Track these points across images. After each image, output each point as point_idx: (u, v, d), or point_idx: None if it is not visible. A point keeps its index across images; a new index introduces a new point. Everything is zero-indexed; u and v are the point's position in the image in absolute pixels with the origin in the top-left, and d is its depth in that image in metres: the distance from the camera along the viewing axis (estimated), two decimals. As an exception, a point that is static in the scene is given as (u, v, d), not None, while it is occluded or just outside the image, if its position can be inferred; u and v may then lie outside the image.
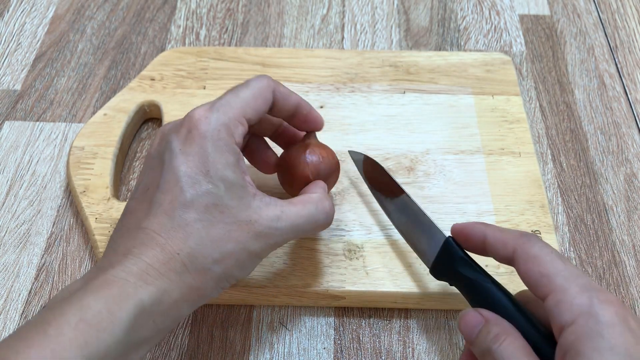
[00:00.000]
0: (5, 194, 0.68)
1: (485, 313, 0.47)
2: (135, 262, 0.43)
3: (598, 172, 0.71)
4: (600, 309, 0.39)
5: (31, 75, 0.79)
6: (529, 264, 0.44)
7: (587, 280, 0.42)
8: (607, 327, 0.39)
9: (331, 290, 0.59)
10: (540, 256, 0.44)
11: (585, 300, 0.40)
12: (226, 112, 0.48)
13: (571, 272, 0.42)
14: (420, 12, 0.88)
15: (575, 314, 0.40)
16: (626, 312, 0.40)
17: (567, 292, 0.41)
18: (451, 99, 0.73)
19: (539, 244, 0.45)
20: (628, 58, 0.82)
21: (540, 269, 0.43)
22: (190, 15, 0.87)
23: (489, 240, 0.48)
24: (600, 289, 0.41)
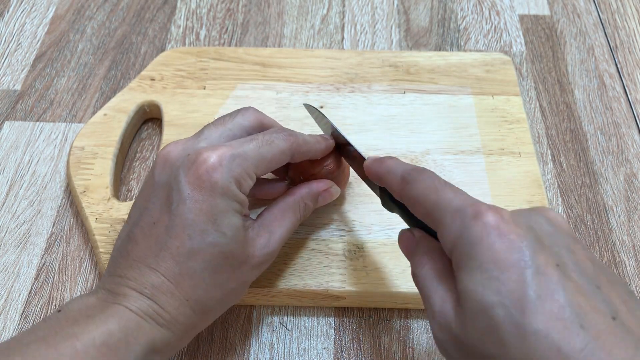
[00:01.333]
0: (5, 194, 0.68)
1: (417, 233, 0.46)
2: (150, 304, 0.45)
3: (598, 172, 0.71)
4: (469, 226, 0.38)
5: (31, 75, 0.79)
6: (414, 208, 0.44)
7: (460, 201, 0.40)
8: (475, 244, 0.37)
9: (331, 291, 0.58)
10: (419, 197, 0.43)
11: (458, 224, 0.39)
12: (241, 165, 0.48)
13: (445, 199, 0.41)
14: (420, 12, 0.88)
15: (452, 241, 0.39)
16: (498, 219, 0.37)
17: (443, 223, 0.40)
18: (451, 99, 0.73)
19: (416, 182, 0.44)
20: (628, 58, 0.82)
21: (422, 210, 0.43)
22: (190, 15, 0.87)
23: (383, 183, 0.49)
24: (472, 204, 0.39)
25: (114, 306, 0.44)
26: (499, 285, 0.35)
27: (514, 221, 0.38)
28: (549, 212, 0.41)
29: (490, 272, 0.36)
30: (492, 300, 0.35)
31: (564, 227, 0.40)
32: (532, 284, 0.35)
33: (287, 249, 0.61)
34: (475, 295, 0.36)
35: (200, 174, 0.46)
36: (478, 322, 0.36)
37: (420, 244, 0.45)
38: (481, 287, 0.36)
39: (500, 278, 0.35)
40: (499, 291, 0.35)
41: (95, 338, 0.41)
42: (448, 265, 0.42)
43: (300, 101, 0.72)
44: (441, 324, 0.39)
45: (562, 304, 0.34)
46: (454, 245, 0.39)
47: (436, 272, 0.42)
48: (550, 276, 0.35)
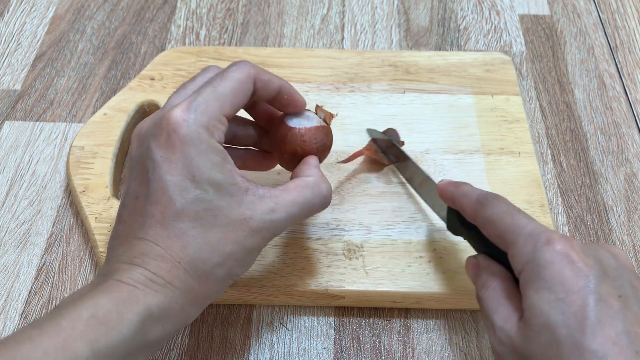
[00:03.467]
0: (5, 194, 0.68)
1: (482, 259, 0.49)
2: (141, 272, 0.43)
3: (598, 172, 0.71)
4: (542, 251, 0.41)
5: (31, 75, 0.79)
6: (488, 229, 0.47)
7: (534, 227, 0.44)
8: (546, 267, 0.41)
9: (330, 290, 0.59)
10: (493, 218, 0.47)
11: (530, 247, 0.42)
12: (205, 112, 0.46)
13: (519, 223, 0.44)
14: (420, 12, 0.88)
15: (524, 261, 0.43)
16: (569, 248, 0.41)
17: (516, 245, 0.44)
18: (451, 98, 0.73)
19: (492, 205, 0.47)
20: (628, 58, 0.82)
21: (495, 231, 0.46)
22: (190, 15, 0.87)
23: (456, 205, 0.52)
24: (546, 231, 0.43)
25: (104, 283, 0.43)
26: (564, 307, 0.39)
27: (582, 251, 0.42)
28: (615, 249, 0.45)
29: (557, 293, 0.40)
30: (556, 319, 0.39)
31: (627, 264, 0.44)
32: (594, 309, 0.39)
33: (287, 248, 0.61)
34: (541, 312, 0.40)
35: (168, 134, 0.45)
36: (541, 337, 0.40)
37: (484, 268, 0.48)
38: (548, 306, 0.40)
39: (566, 300, 0.39)
40: (563, 312, 0.39)
41: (82, 313, 0.40)
42: (511, 287, 0.46)
43: (301, 101, 0.72)
44: (502, 338, 0.43)
45: (620, 330, 0.38)
46: (525, 266, 0.43)
47: (499, 292, 0.46)
48: (612, 305, 0.39)
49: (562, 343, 0.38)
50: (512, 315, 0.44)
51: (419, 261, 0.60)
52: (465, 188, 0.51)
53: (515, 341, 0.42)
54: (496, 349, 0.44)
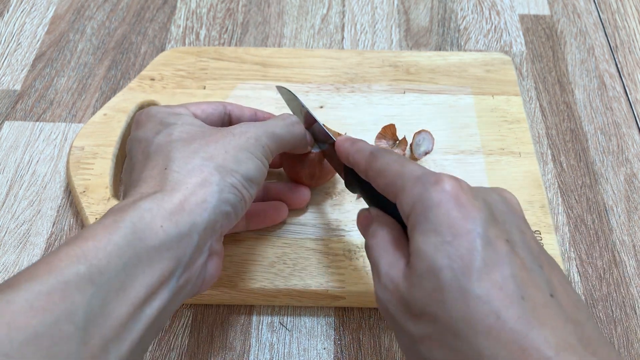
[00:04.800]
0: (5, 194, 0.68)
1: (374, 211, 0.48)
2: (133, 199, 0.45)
3: (598, 172, 0.71)
4: (430, 191, 0.39)
5: (31, 75, 0.79)
6: (377, 179, 0.45)
7: (422, 171, 0.42)
8: (433, 208, 0.39)
9: (331, 291, 0.59)
10: (383, 168, 0.45)
11: (419, 189, 0.40)
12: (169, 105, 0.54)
13: (407, 170, 0.43)
14: (420, 12, 0.88)
15: (411, 204, 0.40)
16: (457, 189, 0.39)
17: (404, 189, 0.41)
18: (451, 99, 0.73)
19: (383, 157, 0.46)
20: (628, 58, 0.82)
21: (385, 180, 0.44)
22: (190, 15, 0.87)
23: (350, 161, 0.50)
24: (433, 173, 0.41)
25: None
26: (450, 250, 0.37)
27: (472, 193, 0.40)
28: (505, 193, 0.43)
29: (443, 236, 0.37)
30: (441, 262, 0.37)
31: (516, 209, 0.42)
32: (481, 253, 0.37)
33: (287, 248, 0.61)
34: (427, 255, 0.38)
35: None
36: (425, 282, 0.38)
37: (375, 219, 0.47)
38: (433, 248, 0.37)
39: (453, 243, 0.37)
40: (449, 255, 0.37)
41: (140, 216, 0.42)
42: (401, 236, 0.44)
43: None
44: (387, 285, 0.41)
45: (506, 275, 0.36)
46: (412, 208, 0.40)
47: (387, 241, 0.44)
48: (499, 249, 0.37)
49: (447, 288, 0.36)
50: (399, 261, 0.42)
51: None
52: (360, 144, 0.50)
53: (400, 287, 0.40)
54: (380, 296, 0.42)
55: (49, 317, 0.35)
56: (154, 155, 0.48)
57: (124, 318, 0.39)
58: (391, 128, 0.68)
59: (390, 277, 0.41)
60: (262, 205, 0.61)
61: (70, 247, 0.38)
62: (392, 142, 0.68)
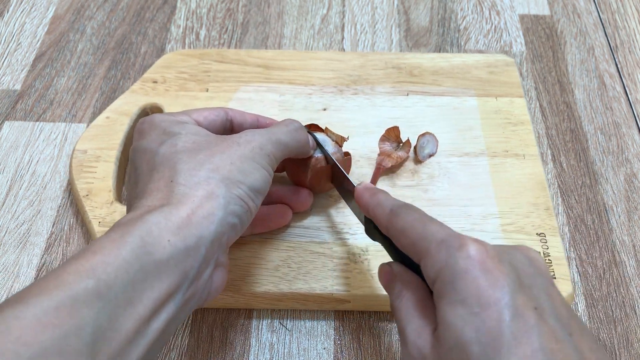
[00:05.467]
0: (5, 194, 0.68)
1: (396, 267, 0.48)
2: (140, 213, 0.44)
3: (598, 172, 0.71)
4: (455, 257, 0.39)
5: (31, 75, 0.79)
6: (400, 239, 0.45)
7: (446, 233, 0.41)
8: (459, 276, 0.38)
9: (336, 294, 0.59)
10: (405, 227, 0.44)
11: (443, 254, 0.40)
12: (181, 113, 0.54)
13: (430, 230, 0.42)
14: (420, 12, 0.88)
15: (437, 270, 0.40)
16: (483, 254, 0.39)
17: (429, 252, 0.41)
18: (455, 100, 0.73)
19: (404, 215, 0.45)
20: (628, 58, 0.82)
21: (408, 240, 0.44)
22: (190, 15, 0.86)
23: (370, 214, 0.50)
24: (457, 236, 0.40)
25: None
26: (479, 322, 0.37)
27: (498, 257, 0.39)
28: (530, 252, 0.42)
29: (471, 307, 0.37)
30: (470, 336, 0.36)
31: (543, 270, 0.41)
32: (509, 325, 0.36)
33: (292, 252, 0.61)
34: (455, 328, 0.37)
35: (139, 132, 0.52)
36: (454, 356, 0.37)
37: (399, 277, 0.46)
38: (461, 321, 0.37)
39: (481, 315, 0.37)
40: (477, 328, 0.36)
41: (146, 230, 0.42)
42: (426, 298, 0.44)
43: (304, 103, 0.72)
44: (414, 354, 0.41)
45: (535, 348, 0.35)
46: (438, 275, 0.40)
47: (414, 303, 0.43)
48: (528, 319, 0.36)
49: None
50: (425, 329, 0.41)
51: (424, 264, 0.60)
52: (380, 197, 0.49)
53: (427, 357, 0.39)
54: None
55: (58, 333, 0.35)
56: (159, 166, 0.47)
57: (131, 333, 0.39)
58: (395, 130, 0.68)
59: (417, 347, 0.41)
60: (266, 209, 0.61)
61: (79, 261, 0.38)
62: (396, 145, 0.68)
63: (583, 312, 0.61)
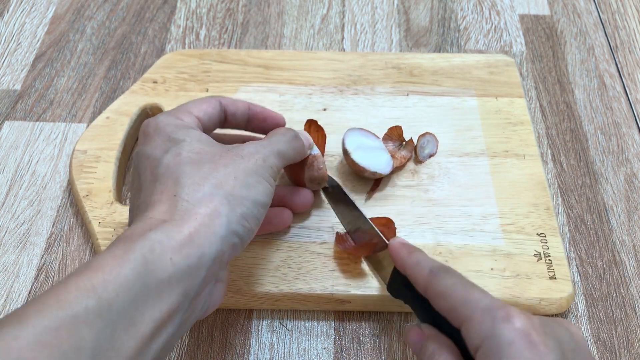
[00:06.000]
0: (5, 194, 0.68)
1: (427, 329, 0.48)
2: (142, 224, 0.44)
3: (598, 172, 0.71)
4: (501, 328, 0.40)
5: (31, 75, 0.79)
6: (439, 301, 0.46)
7: (489, 301, 0.43)
8: (506, 346, 0.39)
9: (336, 295, 0.59)
10: (445, 291, 0.45)
11: (488, 323, 0.41)
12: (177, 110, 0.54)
13: (472, 297, 0.43)
14: (420, 12, 0.88)
15: (481, 338, 0.41)
16: (529, 327, 0.40)
17: (472, 319, 0.42)
18: (455, 101, 0.73)
19: (444, 278, 0.46)
20: (628, 58, 0.82)
21: (448, 304, 0.45)
22: (190, 15, 0.86)
23: (408, 273, 0.50)
24: (502, 306, 0.42)
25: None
26: None
27: (543, 330, 0.41)
28: (571, 327, 0.44)
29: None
30: None
31: (583, 344, 0.43)
32: None
33: (292, 252, 0.61)
34: None
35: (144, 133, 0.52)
36: None
37: (432, 339, 0.47)
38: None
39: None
40: None
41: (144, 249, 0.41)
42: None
43: (304, 103, 0.72)
44: None
45: None
46: (482, 343, 0.41)
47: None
48: None
49: None
50: None
51: (425, 265, 0.60)
52: (419, 256, 0.50)
53: None
54: None
55: (57, 353, 0.34)
56: (163, 177, 0.47)
57: (133, 353, 0.38)
58: (397, 129, 0.68)
59: None
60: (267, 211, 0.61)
61: (80, 278, 0.38)
62: (399, 144, 0.68)
63: (583, 312, 0.61)
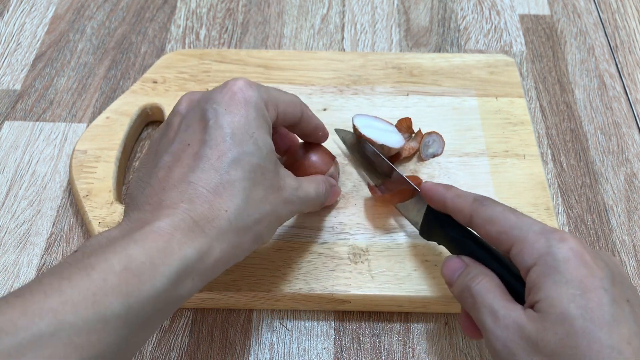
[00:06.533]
0: (5, 194, 0.68)
1: (466, 259, 0.51)
2: (183, 218, 0.43)
3: (598, 172, 0.71)
4: (557, 247, 0.43)
5: (31, 75, 0.79)
6: (486, 226, 0.48)
7: (541, 225, 0.46)
8: (563, 262, 0.43)
9: (336, 295, 0.58)
10: (494, 216, 0.48)
11: (543, 243, 0.44)
12: (267, 93, 0.51)
13: (524, 222, 0.46)
14: (420, 12, 0.88)
15: (536, 256, 0.44)
16: (582, 248, 0.43)
17: (525, 240, 0.45)
18: (455, 101, 0.73)
19: (491, 205, 0.49)
20: (628, 58, 0.82)
21: (497, 228, 0.47)
22: (190, 15, 0.86)
23: (448, 205, 0.52)
24: (556, 230, 0.45)
25: (138, 231, 0.42)
26: (583, 302, 0.41)
27: (594, 254, 0.44)
28: (613, 258, 0.47)
29: (575, 289, 0.42)
30: (575, 312, 0.41)
31: (624, 273, 0.46)
32: (610, 309, 0.41)
33: (292, 252, 0.61)
34: (560, 304, 0.41)
35: (234, 92, 0.49)
36: (558, 327, 0.41)
37: (472, 266, 0.50)
38: (567, 299, 0.41)
39: (584, 296, 0.41)
40: (582, 306, 0.41)
41: (114, 264, 0.39)
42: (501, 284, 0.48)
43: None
44: (508, 325, 0.44)
45: (633, 332, 0.41)
46: (538, 259, 0.44)
47: (494, 286, 0.47)
48: (623, 307, 0.42)
49: (580, 335, 0.40)
50: (516, 305, 0.45)
51: (425, 265, 0.60)
52: (457, 190, 0.52)
53: (527, 329, 0.43)
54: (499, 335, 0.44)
55: None
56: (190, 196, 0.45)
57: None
58: (407, 121, 0.68)
59: (512, 318, 0.44)
60: None
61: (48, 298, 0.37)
62: (408, 135, 0.68)
63: (583, 312, 0.61)
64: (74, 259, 0.40)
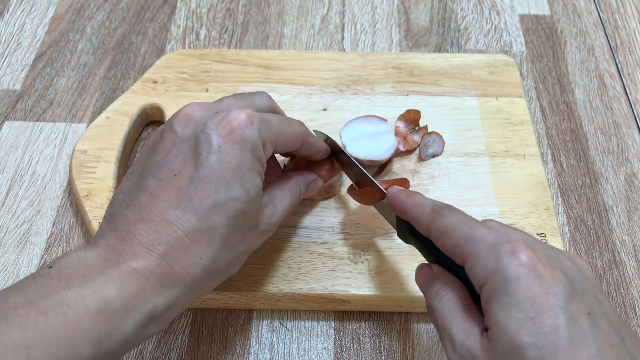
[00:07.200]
0: (5, 194, 0.68)
1: (436, 268, 0.48)
2: (159, 264, 0.42)
3: (598, 172, 0.71)
4: (507, 263, 0.39)
5: (31, 75, 0.79)
6: (442, 238, 0.45)
7: (495, 236, 0.42)
8: (512, 282, 0.39)
9: (336, 295, 0.58)
10: (449, 227, 0.44)
11: (493, 258, 0.40)
12: (267, 129, 0.49)
13: (478, 233, 0.43)
14: (420, 12, 0.88)
15: (487, 273, 0.40)
16: (535, 260, 0.39)
17: (477, 254, 0.41)
18: (455, 101, 0.73)
19: (447, 215, 0.45)
20: (628, 58, 0.82)
21: (451, 241, 0.44)
22: (190, 15, 0.86)
23: (408, 215, 0.50)
24: (509, 240, 0.41)
25: (116, 268, 0.41)
26: (534, 327, 0.37)
27: (549, 264, 0.40)
28: (578, 260, 0.43)
29: (526, 312, 0.37)
30: (526, 340, 0.37)
31: (590, 277, 0.42)
32: (565, 330, 0.37)
33: (292, 252, 0.61)
34: (510, 332, 0.38)
35: (232, 128, 0.47)
36: (508, 358, 0.38)
37: (438, 277, 0.47)
38: (516, 325, 0.37)
39: (536, 320, 0.37)
40: (533, 332, 0.37)
41: (90, 306, 0.38)
42: (467, 299, 0.44)
43: (304, 104, 0.72)
44: (464, 355, 0.41)
45: (592, 353, 0.36)
46: (488, 278, 0.40)
47: (455, 304, 0.44)
48: (583, 325, 0.37)
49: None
50: (473, 330, 0.42)
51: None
52: (419, 198, 0.50)
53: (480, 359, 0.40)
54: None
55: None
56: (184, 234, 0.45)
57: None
58: (415, 113, 0.68)
59: (467, 348, 0.41)
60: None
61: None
62: (412, 127, 0.68)
63: (583, 312, 0.61)
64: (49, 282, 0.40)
